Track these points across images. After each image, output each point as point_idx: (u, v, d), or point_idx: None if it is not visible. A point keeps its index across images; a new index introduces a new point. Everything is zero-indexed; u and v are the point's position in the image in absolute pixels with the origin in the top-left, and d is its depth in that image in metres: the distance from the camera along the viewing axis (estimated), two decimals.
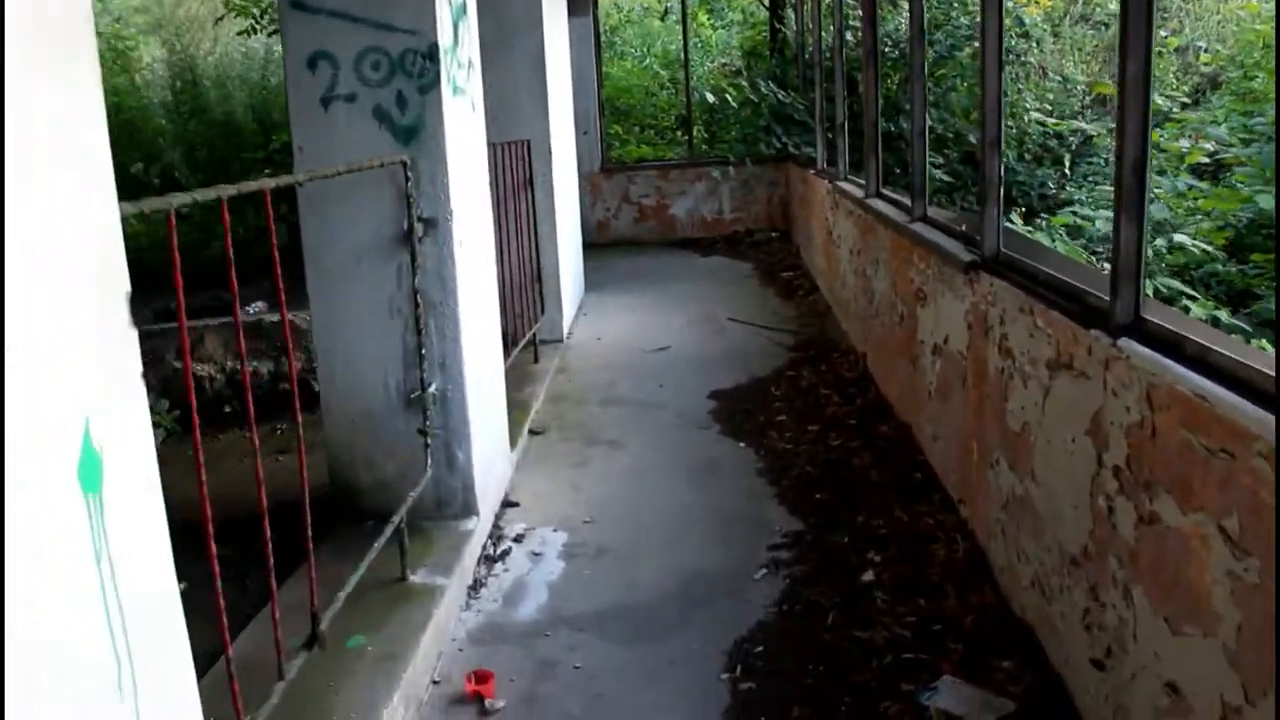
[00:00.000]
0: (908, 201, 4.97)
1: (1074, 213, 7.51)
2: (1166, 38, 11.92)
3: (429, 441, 3.64)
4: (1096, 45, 12.17)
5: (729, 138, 12.34)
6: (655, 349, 6.91)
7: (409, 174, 3.51)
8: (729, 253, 10.78)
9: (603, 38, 13.70)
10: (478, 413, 3.96)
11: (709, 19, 16.47)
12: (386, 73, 3.63)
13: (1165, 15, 12.87)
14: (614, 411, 5.66)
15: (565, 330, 7.31)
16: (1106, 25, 12.82)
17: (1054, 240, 6.72)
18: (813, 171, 8.77)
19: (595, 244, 11.44)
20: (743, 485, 4.46)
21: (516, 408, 5.57)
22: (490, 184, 4.55)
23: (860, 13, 6.67)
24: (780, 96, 8.99)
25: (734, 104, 8.98)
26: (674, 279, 9.44)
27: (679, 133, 14.11)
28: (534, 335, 6.59)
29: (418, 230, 3.60)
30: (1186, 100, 11.00)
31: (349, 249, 3.69)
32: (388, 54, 3.62)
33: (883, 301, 5.41)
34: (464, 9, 4.00)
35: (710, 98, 8.73)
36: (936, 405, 4.16)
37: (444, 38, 3.64)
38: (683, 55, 11.81)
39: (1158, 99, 10.13)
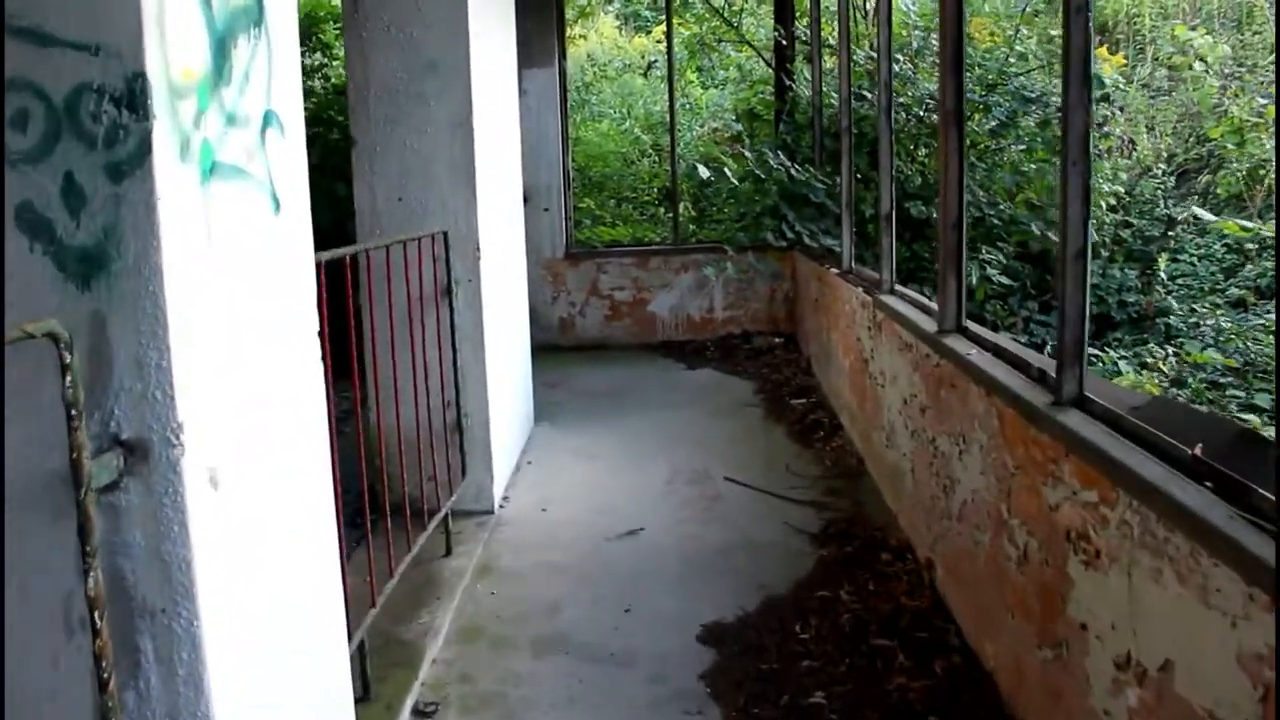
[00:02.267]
0: (1041, 362, 3.15)
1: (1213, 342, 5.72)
2: None
3: None
4: (1176, 112, 10.56)
5: (723, 217, 10.61)
6: (622, 533, 5.01)
7: (70, 356, 1.65)
8: (723, 363, 8.93)
9: (572, 95, 12.07)
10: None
11: (698, 76, 14.91)
12: (42, 135, 1.80)
13: None
14: (552, 670, 3.74)
15: (497, 496, 5.41)
16: (1169, 92, 11.27)
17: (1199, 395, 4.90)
18: (834, 271, 6.98)
19: (556, 347, 9.64)
20: None
21: (397, 660, 3.63)
22: (383, 299, 2.68)
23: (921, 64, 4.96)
24: (793, 172, 7.27)
25: (733, 179, 7.22)
26: (652, 405, 7.57)
27: (663, 209, 12.40)
28: (446, 516, 4.69)
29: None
30: None
31: None
32: (44, 96, 1.79)
33: (978, 509, 3.55)
34: (251, 11, 2.16)
35: (704, 171, 7.00)
36: None
37: (174, 61, 1.82)
38: (668, 117, 10.11)
39: None
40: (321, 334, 2.66)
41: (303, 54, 9.68)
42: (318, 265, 2.85)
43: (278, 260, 2.31)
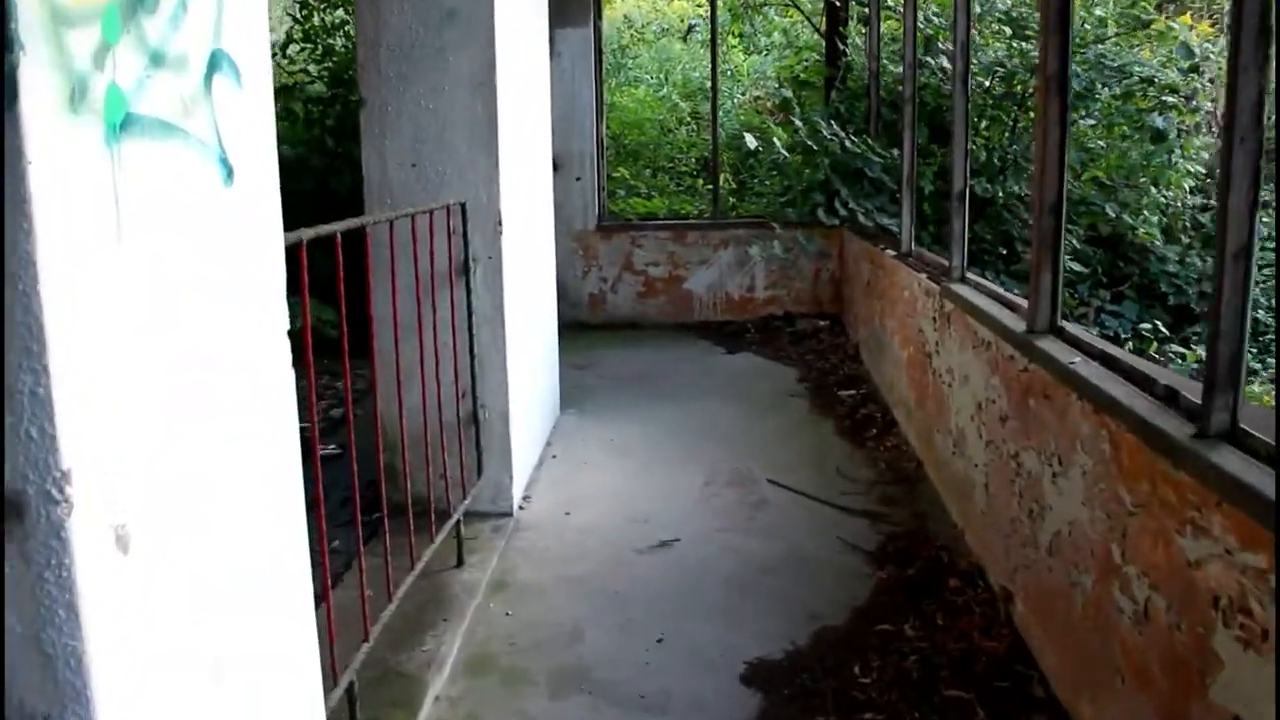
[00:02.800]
0: (1170, 379, 2.61)
1: None
2: None
3: None
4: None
5: (766, 190, 10.04)
6: (655, 544, 4.53)
7: None
8: (765, 347, 8.39)
9: (608, 59, 11.50)
10: None
11: (739, 42, 14.25)
12: None
13: None
14: (571, 714, 3.27)
15: (517, 496, 4.94)
16: None
17: None
18: (891, 253, 6.42)
19: (586, 325, 9.15)
20: None
21: (395, 698, 3.16)
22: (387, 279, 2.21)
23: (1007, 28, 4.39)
24: (847, 144, 6.68)
25: (781, 149, 6.60)
26: (688, 392, 7.06)
27: (701, 181, 11.83)
28: (458, 521, 4.22)
29: None
30: None
31: None
32: None
33: (1077, 546, 3.02)
34: None
35: (751, 141, 6.40)
36: None
37: None
38: (709, 83, 9.52)
39: None
40: (302, 330, 2.17)
41: (323, 9, 9.19)
42: (297, 246, 2.36)
43: (228, 244, 1.81)
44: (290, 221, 2.17)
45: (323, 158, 8.51)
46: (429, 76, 4.47)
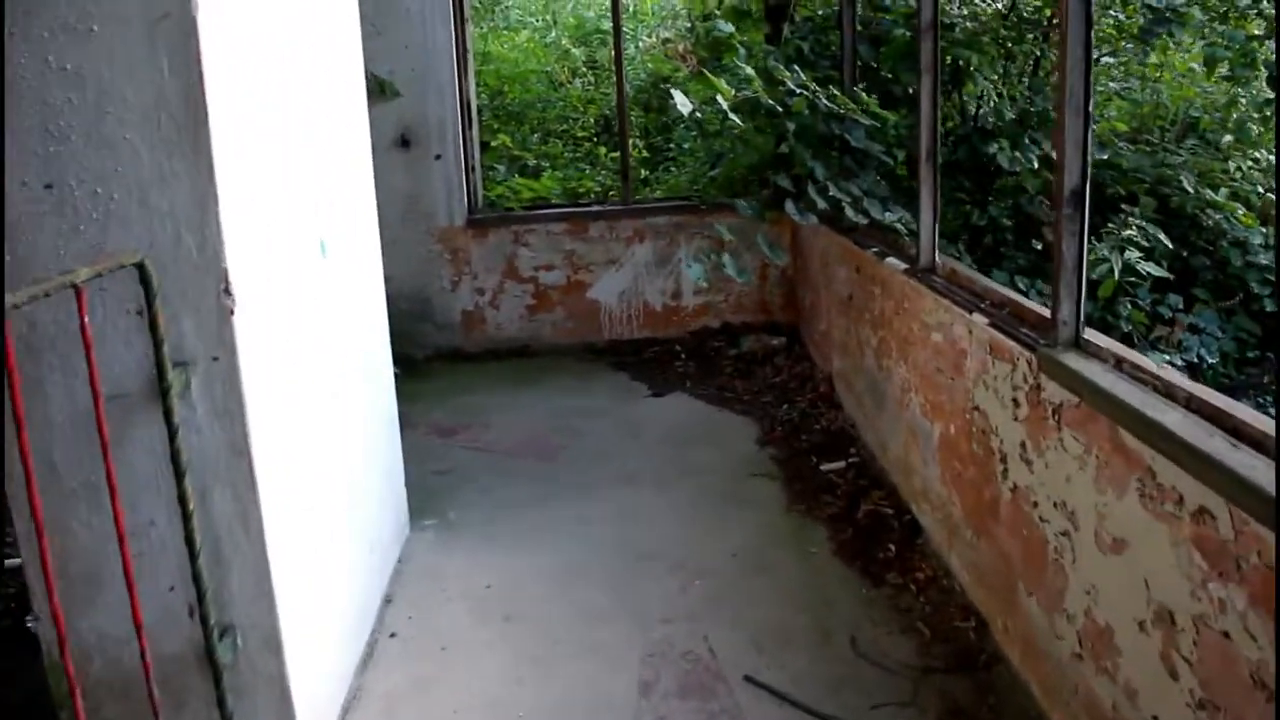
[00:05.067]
0: None
1: None
2: None
3: None
4: None
5: (690, 159, 7.99)
6: None
7: None
8: (704, 383, 6.37)
9: None
10: None
11: None
12: None
13: None
14: None
15: None
16: None
17: None
18: (899, 266, 4.42)
19: (460, 354, 7.05)
20: None
21: None
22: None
23: None
24: (823, 100, 4.61)
25: (730, 112, 4.44)
26: (603, 474, 5.02)
27: (602, 148, 9.69)
28: None
29: None
30: None
31: None
32: None
33: None
34: None
35: (682, 102, 4.25)
36: None
37: None
38: (612, 21, 7.36)
39: None
40: None
41: None
42: None
43: None
44: None
45: None
46: (59, 8, 2.28)
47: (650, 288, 7.21)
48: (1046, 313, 3.01)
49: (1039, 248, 5.34)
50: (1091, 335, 2.84)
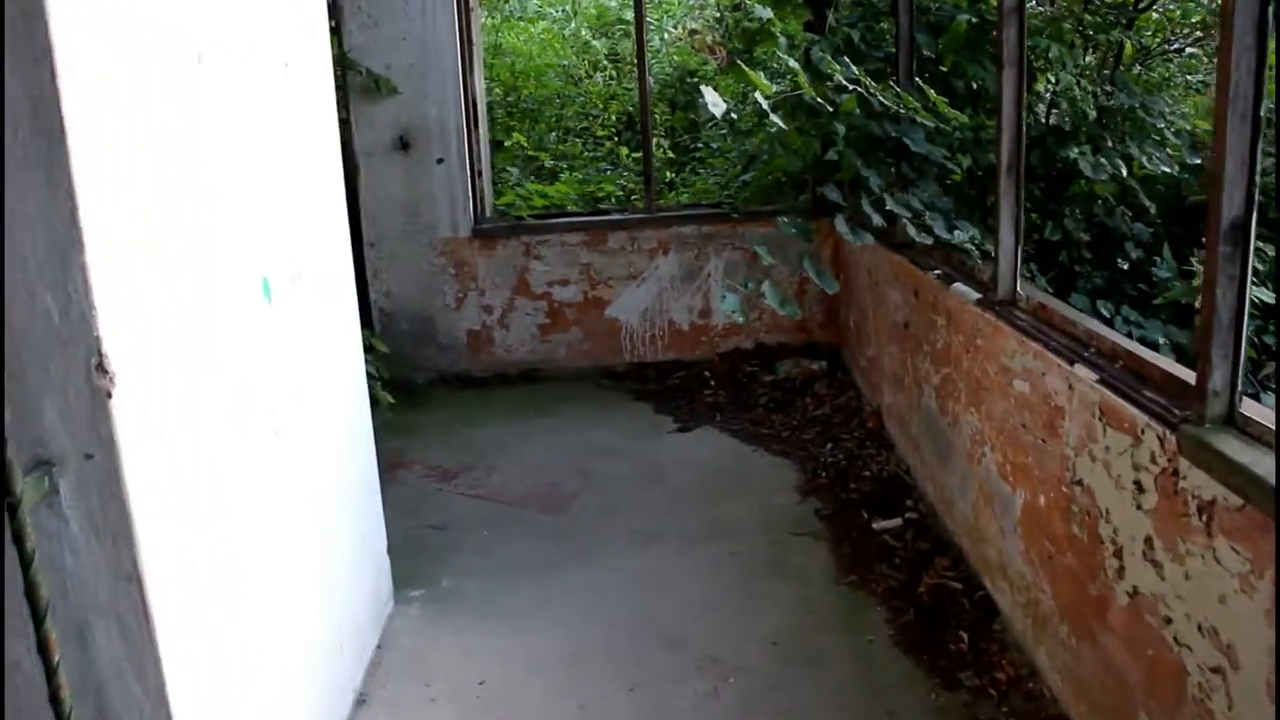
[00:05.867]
0: None
1: None
2: None
3: None
4: None
5: (724, 164, 7.37)
6: None
7: None
8: (736, 415, 5.74)
9: None
10: None
11: None
12: None
13: None
14: None
15: None
16: None
17: None
18: (969, 294, 3.77)
19: (465, 378, 6.49)
20: None
21: None
22: None
23: None
24: (881, 98, 3.94)
25: (771, 112, 3.80)
26: (621, 531, 4.41)
27: (624, 148, 9.06)
28: None
29: None
30: None
31: None
32: None
33: None
34: None
35: (714, 103, 3.64)
36: None
37: None
38: (634, 11, 6.73)
39: None
40: None
41: None
42: None
43: None
44: None
45: None
46: None
47: (676, 305, 6.57)
48: (1184, 374, 2.36)
49: (1124, 267, 4.66)
50: (1254, 410, 2.19)
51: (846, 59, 4.26)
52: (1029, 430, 3.21)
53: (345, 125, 6.57)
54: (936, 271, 4.20)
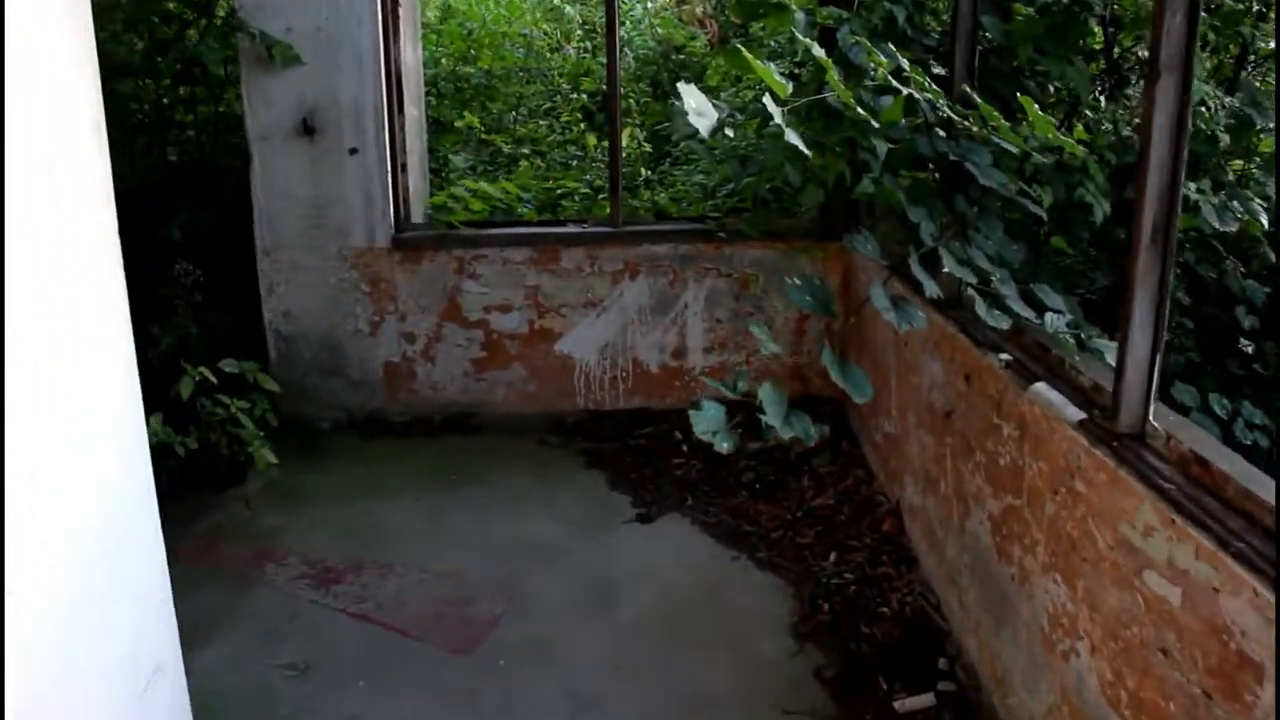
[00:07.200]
0: None
1: None
2: None
3: None
4: None
5: (711, 162, 6.19)
6: None
7: None
8: (711, 499, 4.57)
9: None
10: None
11: None
12: None
13: None
14: None
15: None
16: None
17: None
18: (1077, 417, 2.59)
19: (378, 423, 5.36)
20: None
21: None
22: None
23: None
24: (941, 105, 2.77)
25: (777, 115, 2.73)
26: (546, 695, 3.24)
27: (592, 136, 7.81)
28: None
29: None
30: None
31: None
32: None
33: None
34: None
35: (696, 109, 2.61)
36: None
37: None
38: None
39: None
40: None
41: None
42: None
43: None
44: None
45: None
46: None
47: (644, 341, 5.38)
48: None
49: (1248, 350, 3.52)
50: None
51: (890, 46, 3.04)
52: (1175, 664, 2.05)
53: (236, 103, 5.34)
54: (1003, 356, 3.03)
